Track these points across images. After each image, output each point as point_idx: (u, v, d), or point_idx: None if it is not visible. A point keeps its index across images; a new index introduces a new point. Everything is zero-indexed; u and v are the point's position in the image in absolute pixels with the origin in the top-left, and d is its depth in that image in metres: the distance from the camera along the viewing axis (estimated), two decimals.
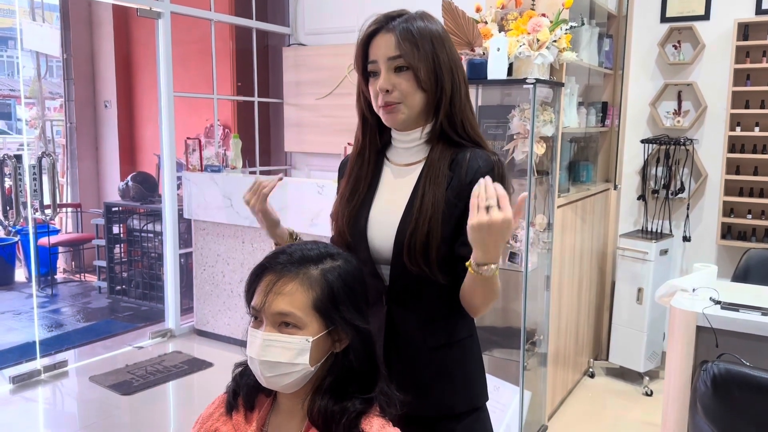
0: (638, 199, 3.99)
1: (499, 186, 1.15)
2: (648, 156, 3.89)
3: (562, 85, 2.93)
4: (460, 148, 1.36)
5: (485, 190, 1.14)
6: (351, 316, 1.11)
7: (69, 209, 6.43)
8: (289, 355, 1.08)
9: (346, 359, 1.12)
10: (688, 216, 3.85)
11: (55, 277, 6.09)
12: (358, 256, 1.32)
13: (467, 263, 1.22)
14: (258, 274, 1.13)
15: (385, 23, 1.32)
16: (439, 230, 1.30)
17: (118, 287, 5.60)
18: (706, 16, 3.72)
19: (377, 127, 1.42)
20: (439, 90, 1.33)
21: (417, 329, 1.36)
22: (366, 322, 1.13)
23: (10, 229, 6.08)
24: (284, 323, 1.09)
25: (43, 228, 5.77)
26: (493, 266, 1.19)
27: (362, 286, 1.17)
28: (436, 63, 1.32)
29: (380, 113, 1.36)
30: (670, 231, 3.85)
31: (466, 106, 1.38)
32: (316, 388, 1.12)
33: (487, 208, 1.13)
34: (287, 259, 1.12)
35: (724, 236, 3.70)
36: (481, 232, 1.14)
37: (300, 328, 1.08)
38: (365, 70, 1.36)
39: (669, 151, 3.80)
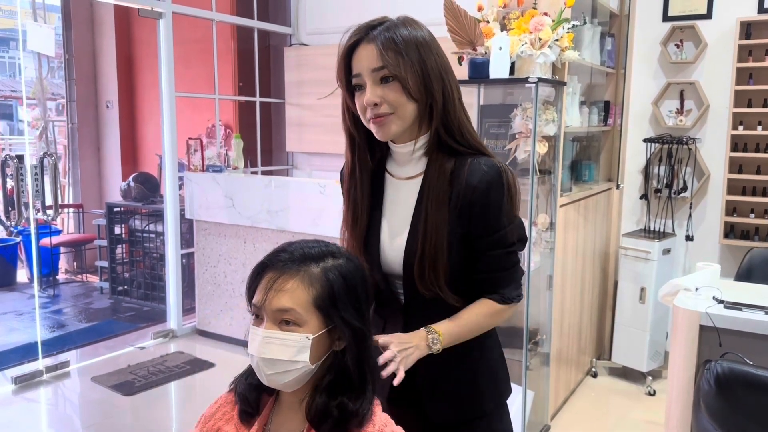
0: (641, 198, 3.98)
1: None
2: (650, 155, 3.89)
3: (565, 84, 2.93)
4: (460, 156, 1.31)
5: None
6: (349, 316, 1.10)
7: (71, 210, 6.43)
8: (289, 353, 1.07)
9: (343, 359, 1.11)
10: (690, 215, 3.84)
11: (57, 277, 6.09)
12: (374, 277, 1.32)
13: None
14: (259, 272, 1.12)
15: (365, 33, 1.25)
16: (445, 254, 1.28)
17: (120, 288, 5.60)
18: (708, 15, 3.71)
19: (366, 144, 1.36)
20: (429, 98, 1.27)
21: None
22: (363, 323, 1.13)
23: (12, 229, 6.09)
24: (285, 321, 1.08)
25: (45, 228, 5.77)
26: (435, 350, 1.28)
27: (363, 286, 1.17)
28: (424, 70, 1.25)
29: (371, 127, 1.29)
30: (673, 230, 3.85)
31: (461, 112, 1.32)
32: (315, 387, 1.12)
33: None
34: (288, 256, 1.11)
35: (726, 235, 3.69)
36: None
37: (300, 325, 1.08)
38: (349, 84, 1.28)
39: (671, 150, 3.79)
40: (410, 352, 1.23)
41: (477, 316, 1.32)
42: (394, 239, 1.35)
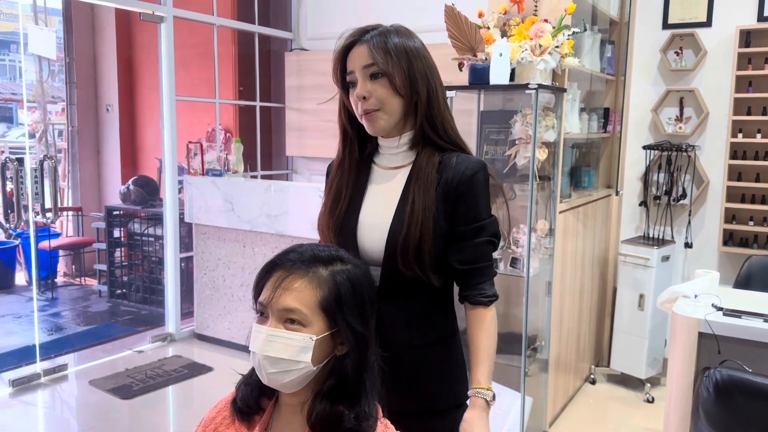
0: (640, 205, 3.98)
1: None
2: (650, 162, 3.89)
3: (564, 90, 2.93)
4: (446, 152, 1.41)
5: None
6: (353, 321, 1.10)
7: (70, 213, 6.43)
8: (291, 352, 1.07)
9: (344, 364, 1.11)
10: (689, 222, 3.84)
11: (56, 280, 6.08)
12: None
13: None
14: (268, 270, 1.13)
15: (359, 36, 1.38)
16: (430, 235, 1.35)
17: (119, 291, 5.59)
18: (707, 23, 3.73)
19: (357, 139, 1.47)
20: (415, 95, 1.38)
21: (404, 327, 1.40)
22: (367, 329, 1.13)
23: (11, 232, 6.09)
24: (289, 320, 1.09)
25: (44, 231, 5.76)
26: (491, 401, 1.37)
27: (370, 293, 1.17)
28: (411, 70, 1.36)
29: (362, 121, 1.40)
30: (672, 237, 3.85)
31: (445, 110, 1.42)
32: (316, 391, 1.12)
33: None
34: (298, 257, 1.13)
35: (725, 243, 3.70)
36: None
37: (305, 326, 1.08)
38: (344, 82, 1.41)
39: (671, 158, 3.80)
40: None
41: (489, 337, 1.40)
42: (376, 222, 1.41)
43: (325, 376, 1.12)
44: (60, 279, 6.29)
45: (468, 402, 1.38)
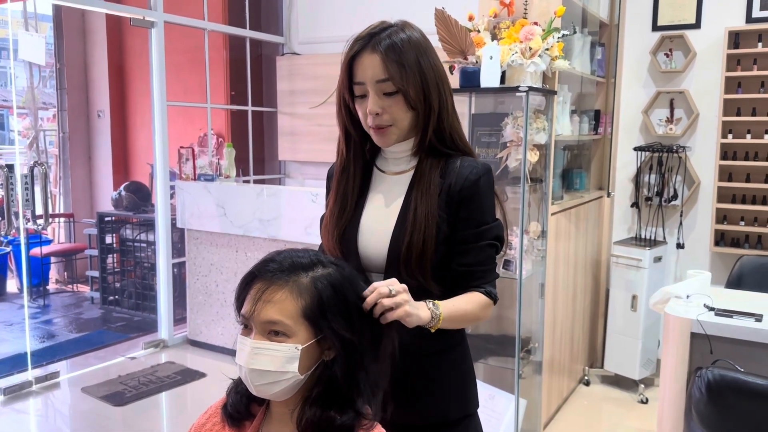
0: (631, 206, 4.00)
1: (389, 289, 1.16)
2: (641, 163, 3.91)
3: (555, 92, 2.94)
4: (450, 157, 1.37)
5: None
6: (338, 326, 1.09)
7: (61, 219, 6.40)
8: (277, 363, 1.06)
9: (332, 369, 1.10)
10: (681, 223, 3.86)
11: (47, 287, 6.05)
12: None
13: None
14: (248, 282, 1.11)
15: (368, 41, 1.31)
16: (433, 242, 1.31)
17: (111, 297, 5.56)
18: (697, 25, 3.75)
19: (361, 140, 1.41)
20: (427, 107, 1.33)
21: (411, 336, 1.35)
22: (353, 332, 1.11)
23: (1, 239, 6.05)
24: (273, 331, 1.07)
25: (36, 238, 5.74)
26: (431, 325, 1.24)
27: (354, 294, 1.16)
28: (424, 80, 1.31)
29: (371, 133, 1.35)
30: (664, 238, 3.86)
31: (454, 117, 1.38)
32: (305, 398, 1.11)
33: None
34: (277, 266, 1.11)
35: (717, 243, 3.71)
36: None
37: (289, 336, 1.07)
38: (351, 88, 1.34)
39: (662, 159, 3.82)
40: (416, 307, 1.19)
41: (469, 303, 1.32)
42: (378, 228, 1.37)
43: (313, 382, 1.11)
44: (52, 286, 6.25)
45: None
